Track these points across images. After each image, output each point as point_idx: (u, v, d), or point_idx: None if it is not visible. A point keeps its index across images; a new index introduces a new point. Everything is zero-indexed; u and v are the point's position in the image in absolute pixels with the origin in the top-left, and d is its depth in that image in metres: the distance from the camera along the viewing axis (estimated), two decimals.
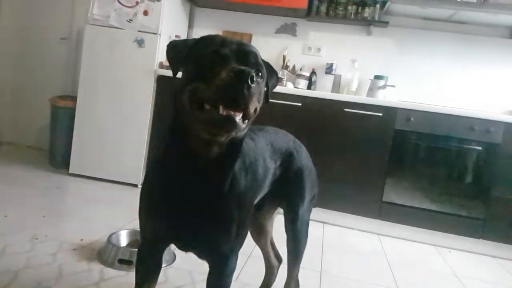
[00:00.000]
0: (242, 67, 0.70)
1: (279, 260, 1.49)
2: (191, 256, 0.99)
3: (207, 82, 0.71)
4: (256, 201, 1.06)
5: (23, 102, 3.59)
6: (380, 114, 2.50)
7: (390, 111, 2.50)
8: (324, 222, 2.62)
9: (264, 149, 1.09)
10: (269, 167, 1.10)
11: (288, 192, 1.21)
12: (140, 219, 0.95)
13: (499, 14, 2.64)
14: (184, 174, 0.83)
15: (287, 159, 1.18)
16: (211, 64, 0.74)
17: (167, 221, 0.88)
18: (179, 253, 1.69)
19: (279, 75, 2.70)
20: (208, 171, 0.83)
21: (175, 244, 0.98)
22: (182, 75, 0.81)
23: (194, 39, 0.85)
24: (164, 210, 0.87)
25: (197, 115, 0.73)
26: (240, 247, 0.95)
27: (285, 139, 1.23)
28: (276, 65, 3.16)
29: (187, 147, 0.81)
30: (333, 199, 2.57)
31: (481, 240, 2.46)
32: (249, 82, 0.68)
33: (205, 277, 0.97)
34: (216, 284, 0.96)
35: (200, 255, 0.98)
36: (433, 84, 3.01)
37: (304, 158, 1.25)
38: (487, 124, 2.40)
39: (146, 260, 1.01)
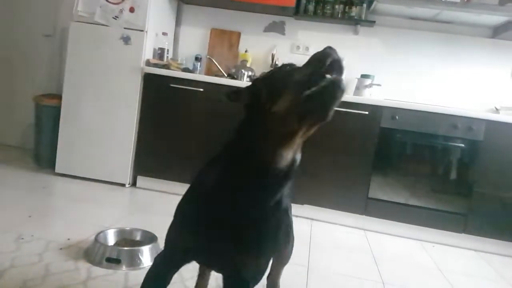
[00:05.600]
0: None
1: None
2: None
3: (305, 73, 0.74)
4: None
5: (6, 101, 3.51)
6: (366, 113, 2.54)
7: (376, 110, 2.54)
8: (311, 219, 2.65)
9: None
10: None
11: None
12: (170, 230, 0.90)
13: (482, 14, 2.70)
14: (242, 190, 0.79)
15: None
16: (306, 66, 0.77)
17: (203, 239, 0.83)
18: None
19: None
20: (270, 187, 0.80)
21: (197, 260, 0.94)
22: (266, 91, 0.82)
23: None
24: (203, 227, 0.83)
25: (300, 99, 0.73)
26: (261, 277, 0.91)
27: None
28: (265, 63, 3.17)
29: (256, 160, 0.78)
30: (320, 196, 2.60)
31: (463, 234, 2.52)
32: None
33: (194, 274, 0.98)
34: None
35: (220, 272, 0.94)
36: (418, 82, 3.06)
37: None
38: (470, 122, 2.45)
39: (159, 273, 0.95)
